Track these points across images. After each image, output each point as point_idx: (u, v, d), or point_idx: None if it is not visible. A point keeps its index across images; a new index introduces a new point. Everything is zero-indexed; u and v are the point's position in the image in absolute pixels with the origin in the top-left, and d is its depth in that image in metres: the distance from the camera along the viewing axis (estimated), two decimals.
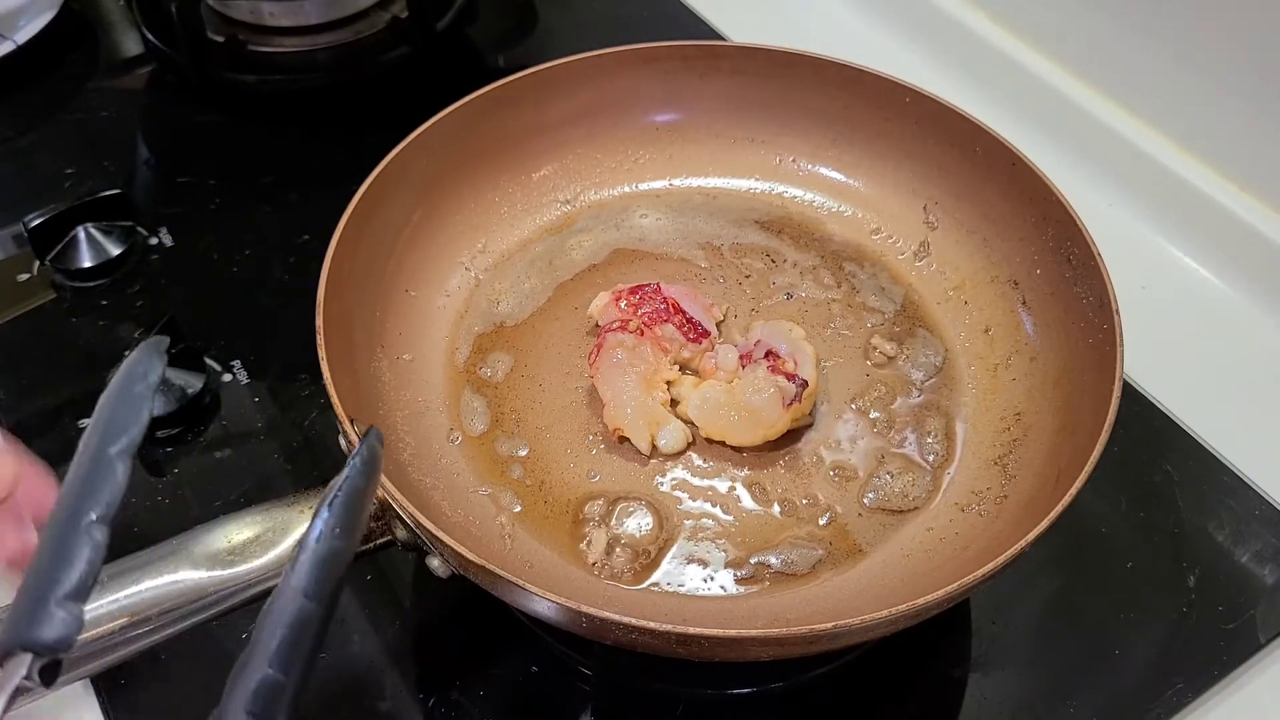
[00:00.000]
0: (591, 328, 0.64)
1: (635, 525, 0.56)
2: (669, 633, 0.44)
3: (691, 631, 0.43)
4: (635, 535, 0.56)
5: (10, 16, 0.90)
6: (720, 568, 0.55)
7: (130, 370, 0.40)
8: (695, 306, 0.62)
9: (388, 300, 0.63)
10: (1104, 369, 0.53)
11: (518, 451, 0.59)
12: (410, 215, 0.65)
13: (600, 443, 0.59)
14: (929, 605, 0.45)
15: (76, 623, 0.35)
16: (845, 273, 0.67)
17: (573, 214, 0.71)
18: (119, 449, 0.38)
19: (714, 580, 0.54)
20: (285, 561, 0.46)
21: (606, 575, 0.54)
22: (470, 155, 0.67)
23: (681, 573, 0.54)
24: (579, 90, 0.69)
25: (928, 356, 0.63)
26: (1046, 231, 0.61)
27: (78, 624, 0.35)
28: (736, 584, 0.54)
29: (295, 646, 0.33)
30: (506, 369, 0.63)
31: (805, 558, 0.55)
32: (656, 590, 0.54)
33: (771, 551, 0.55)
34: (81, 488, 0.37)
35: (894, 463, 0.58)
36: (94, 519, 0.36)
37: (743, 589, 0.54)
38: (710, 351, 0.61)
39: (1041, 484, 0.54)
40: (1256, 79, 0.72)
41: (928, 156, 0.67)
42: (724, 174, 0.72)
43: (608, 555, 0.55)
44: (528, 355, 0.63)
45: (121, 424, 0.38)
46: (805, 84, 0.69)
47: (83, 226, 0.75)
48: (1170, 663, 0.57)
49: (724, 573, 0.54)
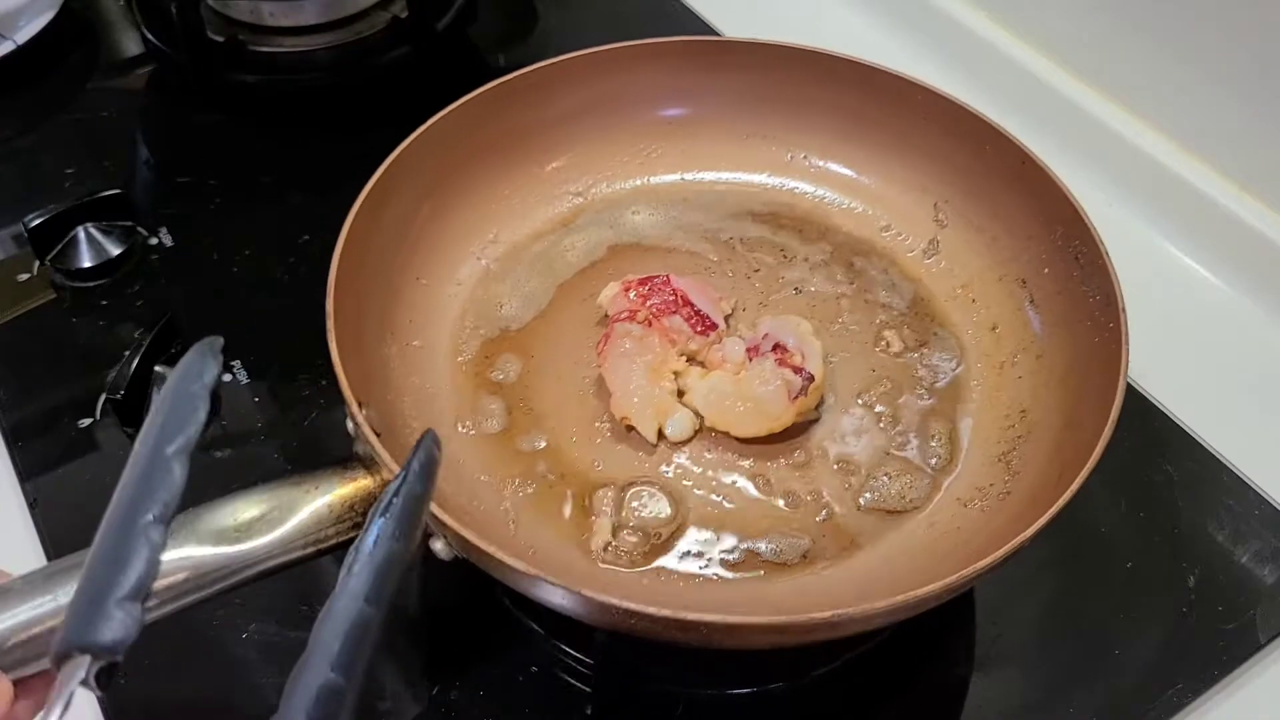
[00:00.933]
0: (601, 318, 0.64)
1: (639, 513, 0.56)
2: (668, 618, 0.44)
3: (690, 617, 0.44)
4: (638, 523, 0.56)
5: (10, 16, 0.90)
6: (722, 556, 0.55)
7: (186, 370, 0.40)
8: (704, 299, 0.62)
9: (398, 288, 0.63)
10: (1109, 367, 0.53)
11: (532, 443, 0.59)
12: (421, 206, 0.65)
13: (607, 431, 0.59)
14: (928, 596, 0.45)
15: (135, 624, 0.35)
16: (855, 269, 0.68)
17: (584, 206, 0.71)
18: (175, 449, 0.38)
19: (715, 568, 0.54)
20: (291, 540, 0.46)
21: (609, 561, 0.54)
22: (480, 148, 0.67)
23: (683, 560, 0.54)
24: (588, 85, 0.69)
25: (940, 359, 0.63)
26: (1055, 230, 0.61)
27: (136, 625, 0.35)
28: (737, 572, 0.54)
29: (355, 650, 0.33)
30: (516, 368, 0.63)
31: (806, 549, 0.55)
32: (658, 577, 0.54)
33: (773, 542, 0.55)
34: (138, 488, 0.37)
35: (895, 464, 0.58)
36: (151, 519, 0.36)
37: (743, 576, 0.54)
38: (718, 343, 0.61)
39: (1044, 480, 0.54)
40: (1256, 79, 0.72)
41: (938, 154, 0.67)
42: (735, 169, 0.72)
43: (611, 542, 0.55)
44: (534, 350, 0.63)
45: (178, 424, 0.38)
46: (817, 80, 0.69)
47: (83, 226, 0.75)
48: (1170, 663, 0.57)
49: (725, 561, 0.54)
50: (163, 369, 0.67)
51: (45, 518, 0.63)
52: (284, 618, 0.58)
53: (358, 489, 0.49)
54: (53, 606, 0.40)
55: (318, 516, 0.48)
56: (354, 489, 0.49)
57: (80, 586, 0.35)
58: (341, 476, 0.49)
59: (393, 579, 0.35)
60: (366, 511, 0.48)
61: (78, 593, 0.35)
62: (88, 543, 0.39)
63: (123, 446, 0.66)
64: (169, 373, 0.41)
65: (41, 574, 0.42)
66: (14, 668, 0.39)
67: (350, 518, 0.48)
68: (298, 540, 0.47)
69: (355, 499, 0.49)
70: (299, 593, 0.59)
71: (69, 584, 0.39)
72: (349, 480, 0.49)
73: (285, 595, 0.59)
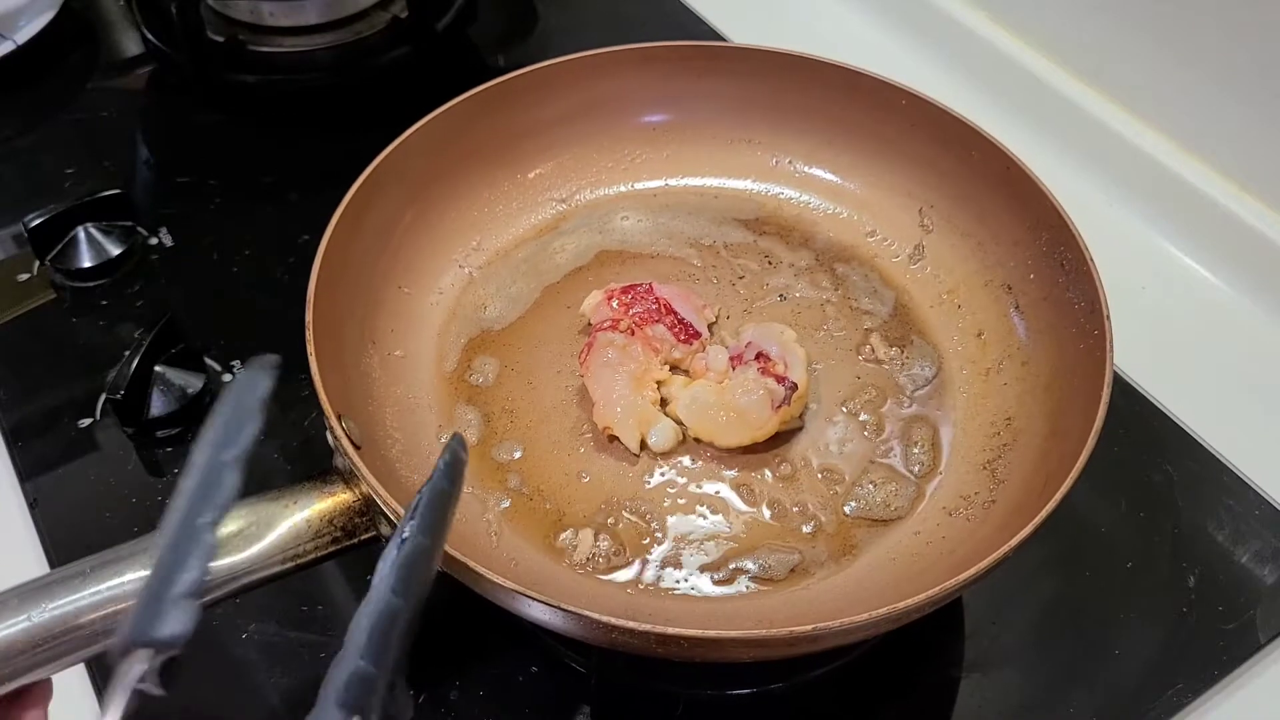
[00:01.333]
0: (584, 326, 0.64)
1: (622, 525, 0.56)
2: (649, 633, 0.44)
3: (671, 632, 0.43)
4: (621, 535, 0.56)
5: (10, 16, 0.90)
6: (705, 569, 0.55)
7: (242, 383, 0.42)
8: (687, 307, 0.62)
9: (380, 297, 0.63)
10: (1094, 374, 0.53)
11: (511, 454, 0.59)
12: (404, 213, 0.65)
13: (590, 442, 0.59)
14: (910, 609, 0.44)
15: (192, 620, 0.38)
16: (839, 275, 0.67)
17: (567, 213, 0.71)
18: (231, 456, 0.40)
19: (698, 581, 0.54)
20: (269, 555, 0.47)
21: (591, 574, 0.54)
22: (465, 154, 0.67)
23: (666, 573, 0.54)
24: (574, 90, 0.69)
25: (921, 367, 0.63)
26: (1040, 236, 0.61)
27: (193, 621, 0.38)
28: (720, 585, 0.54)
29: (384, 639, 0.35)
30: (495, 371, 0.62)
31: (790, 561, 0.55)
32: (641, 590, 0.54)
33: (757, 554, 0.55)
34: (196, 493, 0.39)
35: (879, 471, 0.58)
36: (208, 522, 0.39)
37: (727, 590, 0.54)
38: (701, 352, 0.61)
39: (1029, 489, 0.53)
40: (1256, 79, 0.72)
41: (923, 159, 0.67)
42: (720, 175, 0.72)
43: (593, 554, 0.55)
44: (517, 356, 0.63)
45: (234, 433, 0.41)
46: (801, 85, 0.69)
47: (83, 226, 0.75)
48: (1170, 663, 0.57)
49: (708, 574, 0.54)
50: (163, 369, 0.67)
51: (45, 518, 0.63)
52: (284, 618, 0.58)
53: (336, 503, 0.49)
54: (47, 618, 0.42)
55: (296, 532, 0.48)
56: (333, 504, 0.49)
57: (146, 584, 0.38)
58: (320, 491, 0.49)
59: (420, 573, 0.37)
60: (345, 526, 0.49)
61: (140, 592, 0.38)
62: (87, 543, 0.40)
63: (122, 447, 0.66)
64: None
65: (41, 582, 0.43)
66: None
67: (329, 532, 0.49)
68: (275, 556, 0.47)
69: (334, 513, 0.49)
70: (299, 593, 0.59)
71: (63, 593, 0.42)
72: (328, 495, 0.49)
73: (285, 596, 0.59)
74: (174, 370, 0.67)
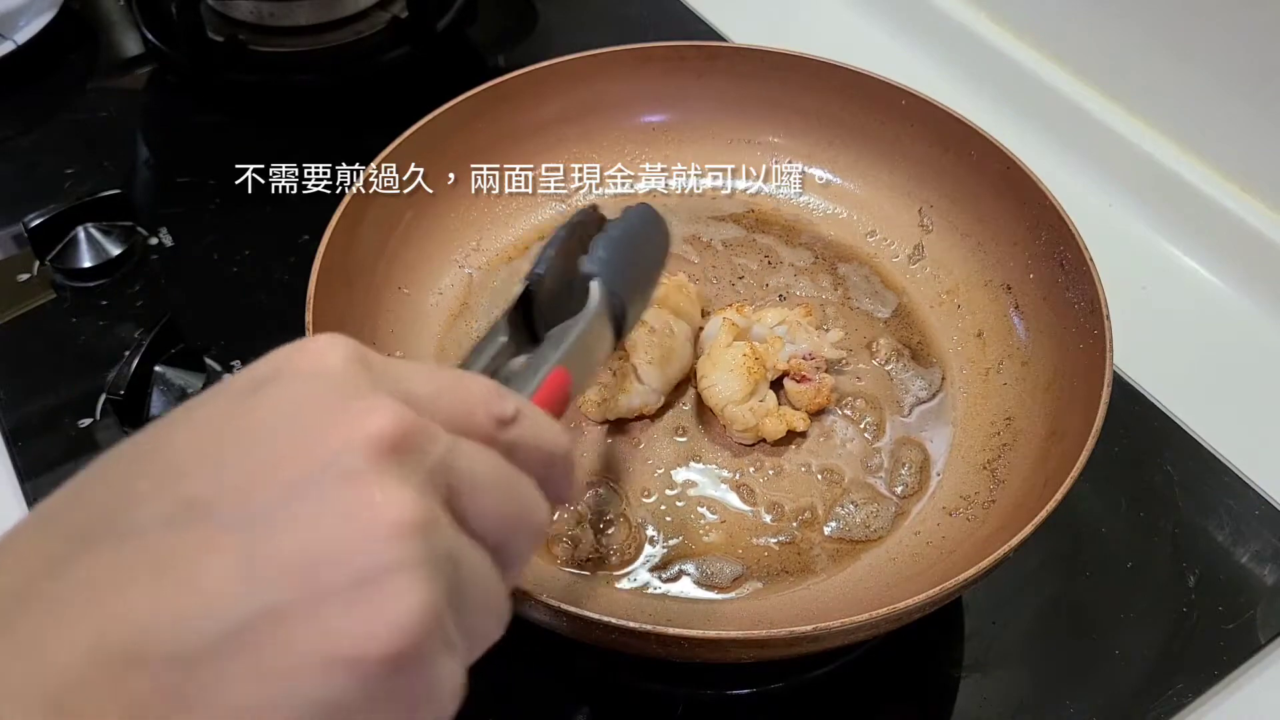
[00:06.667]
0: None
1: (622, 526, 0.56)
2: (650, 633, 0.44)
3: (672, 633, 0.43)
4: (621, 536, 0.56)
5: (10, 16, 0.90)
6: (704, 569, 0.55)
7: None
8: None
9: (380, 297, 0.63)
10: (1093, 374, 0.53)
11: None
12: (404, 213, 0.65)
13: (589, 441, 0.59)
14: (909, 609, 0.45)
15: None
16: (839, 275, 0.68)
17: (568, 213, 0.70)
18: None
19: (696, 581, 0.54)
20: None
21: (591, 575, 0.54)
22: (464, 154, 0.67)
23: (665, 574, 0.54)
24: (574, 90, 0.69)
25: (921, 367, 0.63)
26: (1040, 236, 0.61)
27: None
28: (720, 586, 0.54)
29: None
30: None
31: (790, 561, 0.55)
32: (641, 591, 0.54)
33: (756, 554, 0.55)
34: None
35: (879, 474, 0.58)
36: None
37: (728, 591, 0.54)
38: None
39: (1029, 489, 0.54)
40: (1256, 79, 0.72)
41: (923, 159, 0.67)
42: (719, 174, 0.72)
43: (593, 555, 0.55)
44: None
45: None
46: (801, 85, 0.69)
47: (83, 226, 0.75)
48: (1170, 663, 0.57)
49: (707, 574, 0.54)
50: (163, 369, 0.67)
51: None
52: None
53: None
54: None
55: None
56: None
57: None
58: None
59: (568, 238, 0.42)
60: None
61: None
62: None
63: None
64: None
65: None
66: None
67: None
68: None
69: None
70: None
71: None
72: None
73: None
74: (174, 370, 0.67)
